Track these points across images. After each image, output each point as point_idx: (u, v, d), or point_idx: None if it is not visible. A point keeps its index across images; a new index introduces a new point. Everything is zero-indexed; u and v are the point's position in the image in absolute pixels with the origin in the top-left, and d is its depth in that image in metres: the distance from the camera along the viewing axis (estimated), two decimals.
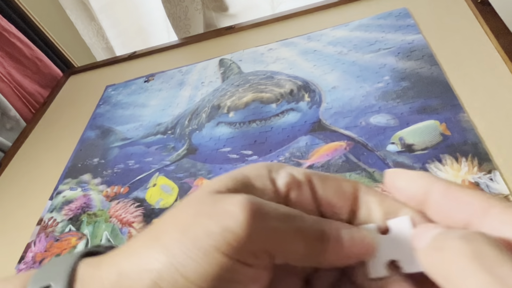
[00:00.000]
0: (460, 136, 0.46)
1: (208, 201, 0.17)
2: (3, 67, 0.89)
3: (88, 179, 0.65)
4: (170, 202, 0.55)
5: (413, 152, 0.47)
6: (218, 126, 0.63)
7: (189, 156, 0.60)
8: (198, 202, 0.17)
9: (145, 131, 0.70)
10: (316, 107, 0.58)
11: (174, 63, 0.85)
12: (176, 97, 0.74)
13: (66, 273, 0.17)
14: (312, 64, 0.66)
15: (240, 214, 0.15)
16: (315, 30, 0.74)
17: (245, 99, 0.64)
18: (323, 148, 0.52)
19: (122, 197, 0.59)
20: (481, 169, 0.42)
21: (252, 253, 0.16)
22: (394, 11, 0.68)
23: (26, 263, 0.56)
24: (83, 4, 1.12)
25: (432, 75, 0.55)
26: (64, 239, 0.57)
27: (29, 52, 0.95)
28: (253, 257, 0.16)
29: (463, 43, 0.57)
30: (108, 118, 0.78)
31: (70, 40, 1.18)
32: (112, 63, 0.96)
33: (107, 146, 0.70)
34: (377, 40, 0.65)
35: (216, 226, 0.15)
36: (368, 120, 0.53)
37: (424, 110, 0.51)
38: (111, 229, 0.55)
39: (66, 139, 0.78)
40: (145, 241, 0.17)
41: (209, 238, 0.15)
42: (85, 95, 0.89)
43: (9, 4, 0.93)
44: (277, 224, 0.16)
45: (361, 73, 0.60)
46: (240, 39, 0.83)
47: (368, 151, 0.50)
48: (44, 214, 0.63)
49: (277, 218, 0.16)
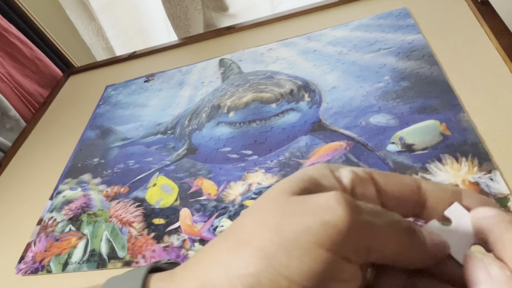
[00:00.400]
0: (460, 136, 0.46)
1: (291, 201, 0.16)
2: (3, 67, 0.89)
3: (88, 179, 0.65)
4: (170, 202, 0.55)
5: (413, 152, 0.47)
6: (218, 126, 0.63)
7: (189, 156, 0.60)
8: (279, 203, 0.16)
9: (145, 131, 0.70)
10: (316, 107, 0.58)
11: (174, 63, 0.85)
12: (176, 97, 0.74)
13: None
14: (312, 64, 0.66)
15: (339, 208, 0.15)
16: (315, 30, 0.74)
17: (245, 99, 0.64)
18: (323, 148, 0.52)
19: (122, 197, 0.59)
20: (481, 169, 0.42)
21: (353, 248, 0.15)
22: (394, 11, 0.68)
23: (26, 263, 0.56)
24: (83, 4, 1.12)
25: (432, 75, 0.55)
26: (64, 239, 0.57)
27: (29, 52, 0.95)
28: (354, 252, 0.15)
29: (463, 43, 0.57)
30: (108, 118, 0.78)
31: (70, 40, 1.18)
32: (112, 63, 0.96)
33: (107, 146, 0.70)
34: (377, 40, 0.65)
35: (314, 222, 0.15)
36: (368, 120, 0.53)
37: (424, 110, 0.51)
38: (111, 229, 0.55)
39: (66, 139, 0.78)
40: (229, 248, 0.16)
41: (309, 234, 0.15)
42: (85, 95, 0.89)
43: (9, 4, 0.93)
44: (371, 218, 0.15)
45: (361, 73, 0.60)
46: (240, 39, 0.83)
47: (368, 151, 0.50)
48: (44, 214, 0.63)
49: (369, 212, 0.16)
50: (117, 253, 0.52)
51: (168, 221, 0.52)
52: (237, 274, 0.15)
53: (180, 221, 0.52)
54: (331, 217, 0.15)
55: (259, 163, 0.54)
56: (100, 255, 0.52)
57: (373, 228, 0.15)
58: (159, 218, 0.53)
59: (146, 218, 0.54)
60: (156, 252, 0.50)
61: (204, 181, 0.56)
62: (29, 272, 0.54)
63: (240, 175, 0.54)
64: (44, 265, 0.54)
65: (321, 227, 0.15)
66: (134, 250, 0.51)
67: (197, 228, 0.50)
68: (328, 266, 0.15)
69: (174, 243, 0.50)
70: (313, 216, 0.15)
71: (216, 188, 0.54)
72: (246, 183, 0.52)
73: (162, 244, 0.50)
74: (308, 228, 0.15)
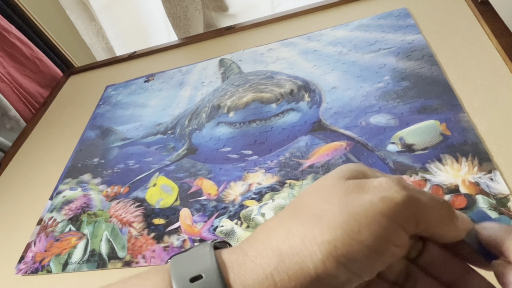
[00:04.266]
0: (460, 136, 0.46)
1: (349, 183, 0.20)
2: (3, 67, 0.89)
3: (88, 179, 0.65)
4: (170, 202, 0.55)
5: (413, 152, 0.47)
6: (218, 126, 0.63)
7: (189, 156, 0.60)
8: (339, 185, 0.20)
9: (145, 131, 0.70)
10: (316, 107, 0.58)
11: (174, 63, 0.85)
12: (176, 97, 0.74)
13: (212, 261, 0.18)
14: (312, 64, 0.66)
15: (394, 185, 0.19)
16: (315, 30, 0.74)
17: (245, 99, 0.64)
18: (323, 148, 0.52)
19: (122, 197, 0.59)
20: (481, 169, 0.42)
21: (406, 218, 0.18)
22: (394, 11, 0.68)
23: (26, 263, 0.56)
24: (83, 4, 1.13)
25: (432, 75, 0.55)
26: (64, 239, 0.57)
27: (29, 52, 0.95)
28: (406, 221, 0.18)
29: (463, 43, 0.57)
30: (108, 118, 0.78)
31: (70, 40, 1.18)
32: (112, 63, 0.96)
33: (107, 146, 0.70)
34: (377, 40, 0.65)
35: (376, 197, 0.18)
36: (368, 120, 0.53)
37: (424, 110, 0.51)
38: (111, 229, 0.55)
39: (66, 139, 0.78)
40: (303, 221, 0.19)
41: (374, 207, 0.18)
42: (85, 95, 0.89)
43: (9, 4, 0.93)
44: (417, 194, 0.19)
45: (361, 73, 0.60)
46: (240, 39, 0.83)
47: (368, 151, 0.50)
48: (44, 214, 0.63)
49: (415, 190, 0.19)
50: (117, 253, 0.52)
51: (168, 221, 0.52)
52: (315, 241, 0.18)
53: (180, 221, 0.52)
54: (389, 193, 0.18)
55: (259, 163, 0.54)
56: (100, 255, 0.52)
57: (420, 202, 0.19)
58: (159, 218, 0.53)
59: (146, 218, 0.54)
60: (156, 252, 0.50)
61: (204, 181, 0.56)
62: (29, 272, 0.54)
63: (240, 175, 0.54)
64: (44, 265, 0.54)
65: (382, 201, 0.18)
66: (134, 250, 0.51)
67: (197, 228, 0.50)
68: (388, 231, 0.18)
69: (174, 243, 0.50)
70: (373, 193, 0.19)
71: (216, 188, 0.54)
72: (246, 183, 0.52)
73: (162, 244, 0.50)
74: (371, 202, 0.18)
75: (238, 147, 0.58)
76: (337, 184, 0.20)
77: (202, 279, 0.18)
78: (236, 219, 0.49)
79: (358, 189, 0.19)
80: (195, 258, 0.19)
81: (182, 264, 0.19)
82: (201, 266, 0.18)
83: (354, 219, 0.18)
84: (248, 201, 0.50)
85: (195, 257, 0.19)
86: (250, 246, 0.19)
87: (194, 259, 0.19)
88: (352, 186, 0.19)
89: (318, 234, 0.18)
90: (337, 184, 0.20)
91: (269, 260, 0.18)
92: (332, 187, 0.20)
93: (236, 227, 0.48)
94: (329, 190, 0.20)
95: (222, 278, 0.18)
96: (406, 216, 0.18)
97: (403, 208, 0.18)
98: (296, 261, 0.17)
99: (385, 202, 0.18)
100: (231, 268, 0.18)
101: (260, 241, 0.19)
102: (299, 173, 0.51)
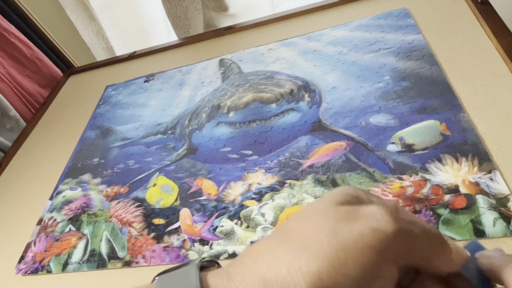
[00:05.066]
0: (460, 136, 0.46)
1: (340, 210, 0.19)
2: (3, 67, 0.89)
3: (88, 179, 0.65)
4: (170, 202, 0.55)
5: (413, 152, 0.47)
6: (218, 126, 0.63)
7: (189, 156, 0.60)
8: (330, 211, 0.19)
9: (145, 131, 0.70)
10: (316, 107, 0.58)
11: (174, 63, 0.85)
12: (176, 97, 0.74)
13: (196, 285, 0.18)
14: (312, 64, 0.66)
15: (386, 216, 0.18)
16: (315, 30, 0.74)
17: (245, 99, 0.64)
18: (323, 148, 0.52)
19: (122, 197, 0.59)
20: (481, 169, 0.42)
21: (396, 252, 0.18)
22: (394, 11, 0.68)
23: (26, 263, 0.56)
24: (83, 4, 1.13)
25: (432, 75, 0.55)
26: (64, 239, 0.57)
27: (29, 52, 0.95)
28: (397, 255, 0.18)
29: (463, 43, 0.57)
30: (108, 118, 0.78)
31: (70, 40, 1.18)
32: (112, 63, 0.96)
33: (107, 146, 0.70)
34: (377, 40, 0.65)
35: (366, 228, 0.18)
36: (368, 120, 0.53)
37: (424, 110, 0.51)
38: (111, 229, 0.55)
39: (66, 139, 0.78)
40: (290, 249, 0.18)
41: (364, 238, 0.17)
42: (85, 95, 0.89)
43: (9, 4, 0.93)
44: (410, 227, 0.18)
45: (361, 73, 0.60)
46: (240, 39, 0.83)
47: (368, 151, 0.50)
48: (44, 214, 0.63)
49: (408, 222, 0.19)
50: (117, 253, 0.52)
51: (168, 221, 0.52)
52: (300, 271, 0.17)
53: (180, 221, 0.52)
54: (380, 224, 0.18)
55: (259, 163, 0.54)
56: (100, 255, 0.52)
57: (412, 235, 0.18)
58: (159, 218, 0.53)
59: (146, 218, 0.54)
60: (156, 252, 0.50)
61: (204, 181, 0.56)
62: (29, 272, 0.54)
63: (240, 175, 0.54)
64: (44, 265, 0.54)
65: (372, 233, 0.17)
66: (134, 250, 0.51)
67: (197, 228, 0.50)
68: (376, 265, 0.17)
69: (174, 243, 0.50)
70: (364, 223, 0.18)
71: (216, 188, 0.54)
72: (246, 183, 0.52)
73: (162, 244, 0.50)
74: (361, 233, 0.17)
75: (238, 147, 0.58)
76: (328, 210, 0.19)
77: None
78: (236, 219, 0.49)
79: (349, 217, 0.19)
80: (180, 279, 0.19)
81: (166, 285, 0.19)
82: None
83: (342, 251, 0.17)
84: (248, 201, 0.50)
85: (180, 278, 0.19)
86: (236, 271, 0.19)
87: (179, 280, 0.19)
88: (343, 213, 0.19)
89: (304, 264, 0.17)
90: (328, 210, 0.19)
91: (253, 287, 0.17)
92: (323, 213, 0.19)
93: (236, 227, 0.48)
94: (319, 216, 0.19)
95: None
96: (396, 250, 0.18)
97: (394, 242, 0.18)
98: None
99: (375, 234, 0.17)
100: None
101: (246, 266, 0.19)
102: (299, 173, 0.51)
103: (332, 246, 0.17)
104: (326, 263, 0.17)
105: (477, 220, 0.38)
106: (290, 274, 0.17)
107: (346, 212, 0.19)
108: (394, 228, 0.18)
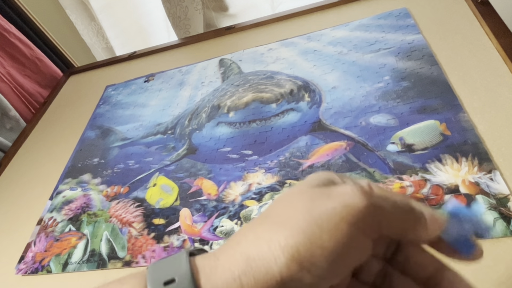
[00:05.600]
0: (460, 136, 0.46)
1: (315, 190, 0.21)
2: (3, 67, 0.89)
3: (88, 179, 0.65)
4: (170, 202, 0.55)
5: (413, 152, 0.47)
6: (218, 126, 0.63)
7: (189, 156, 0.60)
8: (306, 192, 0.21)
9: (145, 131, 0.70)
10: (316, 107, 0.58)
11: (174, 63, 0.85)
12: (176, 97, 0.74)
13: (186, 266, 0.19)
14: (312, 64, 0.66)
15: (358, 192, 0.19)
16: (315, 30, 0.74)
17: (245, 99, 0.64)
18: (323, 148, 0.52)
19: (122, 197, 0.59)
20: (481, 169, 0.42)
21: (368, 225, 0.19)
22: (394, 11, 0.68)
23: (26, 263, 0.56)
24: (83, 4, 1.13)
25: (432, 75, 0.55)
26: (64, 239, 0.57)
27: (29, 52, 0.95)
28: (369, 228, 0.19)
29: (463, 43, 0.57)
30: (108, 118, 0.78)
31: (70, 40, 1.18)
32: (112, 63, 0.96)
33: (107, 146, 0.70)
34: (377, 40, 0.65)
35: (339, 204, 0.19)
36: (368, 120, 0.53)
37: (424, 110, 0.51)
38: (111, 229, 0.55)
39: (66, 139, 0.78)
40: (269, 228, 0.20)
41: (336, 213, 0.19)
42: (85, 95, 0.89)
43: (9, 4, 0.93)
44: (380, 202, 0.19)
45: (361, 73, 0.60)
46: (240, 39, 0.83)
47: (368, 151, 0.50)
48: (44, 214, 0.63)
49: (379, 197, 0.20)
50: (117, 253, 0.52)
51: (168, 221, 0.52)
52: (279, 246, 0.18)
53: (180, 221, 0.52)
54: (351, 200, 0.19)
55: (259, 163, 0.54)
56: (100, 255, 0.52)
57: (382, 210, 0.19)
58: (159, 218, 0.53)
59: (146, 218, 0.54)
60: (156, 252, 0.50)
61: (204, 181, 0.56)
62: (29, 272, 0.54)
63: (240, 175, 0.54)
64: (44, 265, 0.54)
65: (344, 208, 0.19)
66: (134, 250, 0.51)
67: (197, 228, 0.50)
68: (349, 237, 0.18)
69: (174, 243, 0.50)
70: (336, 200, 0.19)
71: (216, 188, 0.54)
72: (246, 183, 0.52)
73: (162, 244, 0.50)
74: (334, 209, 0.19)
75: (238, 147, 0.58)
76: (304, 192, 0.21)
77: (175, 282, 0.19)
78: (236, 219, 0.49)
79: (323, 196, 0.20)
80: (170, 264, 0.20)
81: (157, 269, 0.20)
82: (175, 270, 0.19)
83: (316, 225, 0.18)
84: (248, 201, 0.50)
85: (170, 262, 0.20)
86: (222, 251, 0.20)
87: (170, 265, 0.20)
88: (318, 193, 0.20)
89: (282, 239, 0.18)
90: (304, 191, 0.21)
91: (237, 264, 0.19)
92: (299, 194, 0.21)
93: (236, 227, 0.48)
94: (296, 197, 0.21)
95: (194, 281, 0.19)
96: (367, 223, 0.19)
97: (365, 215, 0.19)
98: (262, 265, 0.18)
99: (347, 209, 0.19)
100: (203, 272, 0.19)
101: (231, 246, 0.20)
102: (299, 173, 0.51)
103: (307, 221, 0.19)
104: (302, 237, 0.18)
105: None
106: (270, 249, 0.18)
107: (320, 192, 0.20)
108: (364, 203, 0.19)
